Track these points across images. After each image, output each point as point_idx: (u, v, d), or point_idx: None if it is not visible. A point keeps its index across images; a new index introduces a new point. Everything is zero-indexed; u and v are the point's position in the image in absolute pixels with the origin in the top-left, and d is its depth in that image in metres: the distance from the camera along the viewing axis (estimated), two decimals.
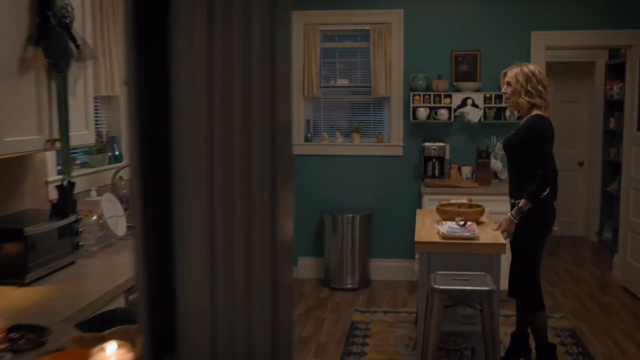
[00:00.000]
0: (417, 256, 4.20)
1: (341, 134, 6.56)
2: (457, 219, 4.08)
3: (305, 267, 6.66)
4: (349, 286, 6.23)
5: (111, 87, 4.12)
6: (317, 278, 6.60)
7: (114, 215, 3.46)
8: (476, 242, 3.73)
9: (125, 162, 4.36)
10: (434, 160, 6.14)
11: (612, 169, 7.80)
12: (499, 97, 6.07)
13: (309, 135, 6.56)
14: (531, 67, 4.04)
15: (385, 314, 5.53)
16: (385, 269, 6.51)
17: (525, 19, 6.15)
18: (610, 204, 7.84)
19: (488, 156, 5.96)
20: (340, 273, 6.25)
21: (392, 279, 6.48)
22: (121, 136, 4.40)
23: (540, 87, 3.97)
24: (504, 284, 4.13)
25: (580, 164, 8.43)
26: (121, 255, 3.28)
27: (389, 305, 5.77)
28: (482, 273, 3.62)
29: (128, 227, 3.70)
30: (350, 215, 6.19)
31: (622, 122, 7.01)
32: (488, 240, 3.75)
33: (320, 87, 6.45)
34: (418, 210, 4.82)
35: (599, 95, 8.06)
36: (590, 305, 5.70)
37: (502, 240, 3.75)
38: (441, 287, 3.41)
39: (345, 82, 6.58)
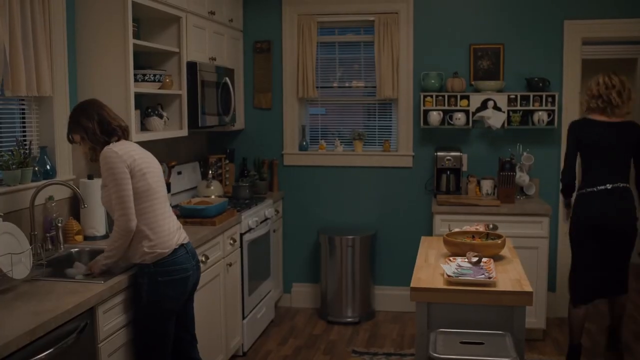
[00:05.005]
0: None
1: (341, 142, 5.68)
2: (469, 254, 3.16)
3: (300, 295, 5.79)
4: (349, 319, 5.34)
5: (37, 87, 3.29)
6: (313, 307, 5.72)
7: (8, 252, 2.61)
8: (493, 289, 2.80)
9: (59, 177, 3.52)
10: (448, 172, 5.24)
11: None
12: (525, 99, 5.15)
13: (304, 143, 5.69)
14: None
15: (387, 357, 4.63)
16: (391, 298, 5.61)
17: (557, 5, 5.23)
18: None
19: (513, 168, 5.04)
20: (338, 303, 5.37)
21: (399, 310, 5.58)
22: (55, 146, 3.56)
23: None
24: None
25: None
26: (21, 303, 2.47)
27: (393, 345, 4.86)
28: (501, 332, 2.70)
29: (36, 265, 2.85)
30: (351, 236, 5.30)
31: None
32: (509, 287, 2.82)
33: (316, 87, 5.58)
34: (423, 239, 3.92)
35: None
36: (636, 348, 4.74)
37: (527, 287, 2.83)
38: (443, 356, 2.50)
39: (345, 81, 5.70)
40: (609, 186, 4.08)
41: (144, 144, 3.83)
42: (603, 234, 4.10)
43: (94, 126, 2.95)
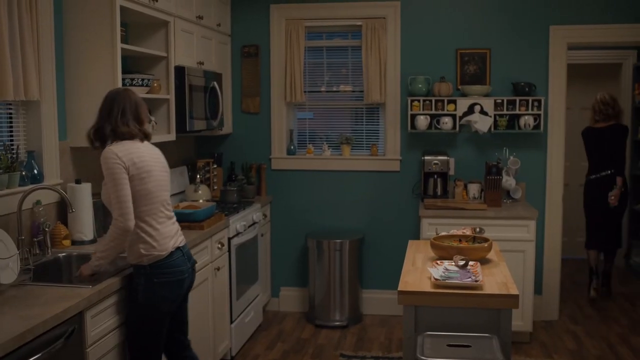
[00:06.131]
0: None
1: (329, 146, 5.70)
2: (456, 258, 3.19)
3: (288, 299, 5.79)
4: (337, 323, 5.35)
5: (25, 91, 3.28)
6: (301, 311, 5.73)
7: None
8: (479, 292, 2.83)
9: (47, 182, 3.51)
10: (435, 176, 5.27)
11: None
12: (511, 103, 5.19)
13: (292, 147, 5.70)
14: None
15: None
16: (379, 302, 5.63)
17: (543, 11, 5.28)
18: (639, 224, 6.98)
19: (499, 172, 5.08)
20: (327, 307, 5.38)
21: (387, 314, 5.60)
22: (42, 150, 3.55)
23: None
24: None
25: None
26: (9, 308, 2.47)
27: (381, 349, 4.88)
28: (488, 335, 2.72)
29: (23, 270, 2.85)
30: (339, 240, 5.32)
31: None
32: (495, 290, 2.85)
33: (304, 92, 5.59)
34: (410, 242, 3.93)
35: (626, 101, 7.23)
36: (621, 350, 4.78)
37: (514, 290, 2.85)
38: (430, 358, 2.51)
39: (333, 86, 5.72)
40: (607, 172, 5.79)
41: None
42: (600, 207, 5.87)
43: (96, 124, 3.02)
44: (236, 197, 5.15)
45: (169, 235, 3.04)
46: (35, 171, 3.49)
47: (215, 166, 5.43)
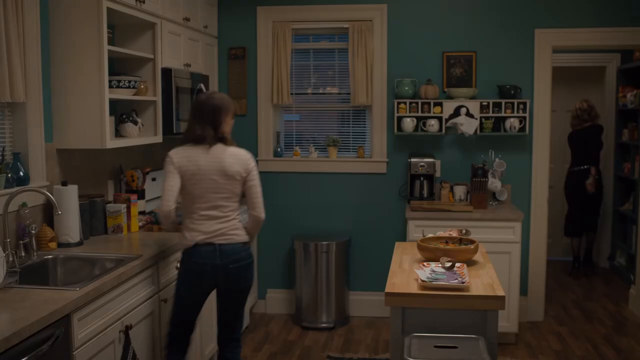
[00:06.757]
0: None
1: (316, 148, 5.71)
2: (443, 259, 3.20)
3: (275, 301, 5.79)
4: (324, 325, 5.36)
5: (11, 92, 3.26)
6: (288, 313, 5.73)
7: None
8: (466, 293, 2.85)
9: (33, 184, 3.49)
10: (422, 178, 5.29)
11: (626, 187, 7.07)
12: (497, 106, 5.22)
13: (278, 149, 5.70)
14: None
15: None
16: (366, 303, 5.64)
17: (528, 15, 5.32)
18: (623, 225, 7.06)
19: (485, 174, 5.10)
20: (313, 309, 5.39)
21: (374, 316, 5.61)
22: (28, 152, 3.53)
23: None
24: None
25: None
26: None
27: (368, 350, 4.89)
28: (474, 336, 2.74)
29: (9, 273, 2.83)
30: (325, 242, 5.33)
31: (637, 134, 6.47)
32: (482, 292, 2.87)
33: (291, 94, 5.60)
34: (397, 244, 3.95)
35: (610, 103, 7.33)
36: (605, 351, 4.82)
37: (500, 291, 2.88)
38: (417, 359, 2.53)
39: (320, 88, 5.73)
40: (584, 167, 6.78)
41: (118, 150, 3.83)
42: (579, 194, 6.87)
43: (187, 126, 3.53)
44: None
45: (203, 231, 3.36)
46: (21, 173, 3.46)
47: None
